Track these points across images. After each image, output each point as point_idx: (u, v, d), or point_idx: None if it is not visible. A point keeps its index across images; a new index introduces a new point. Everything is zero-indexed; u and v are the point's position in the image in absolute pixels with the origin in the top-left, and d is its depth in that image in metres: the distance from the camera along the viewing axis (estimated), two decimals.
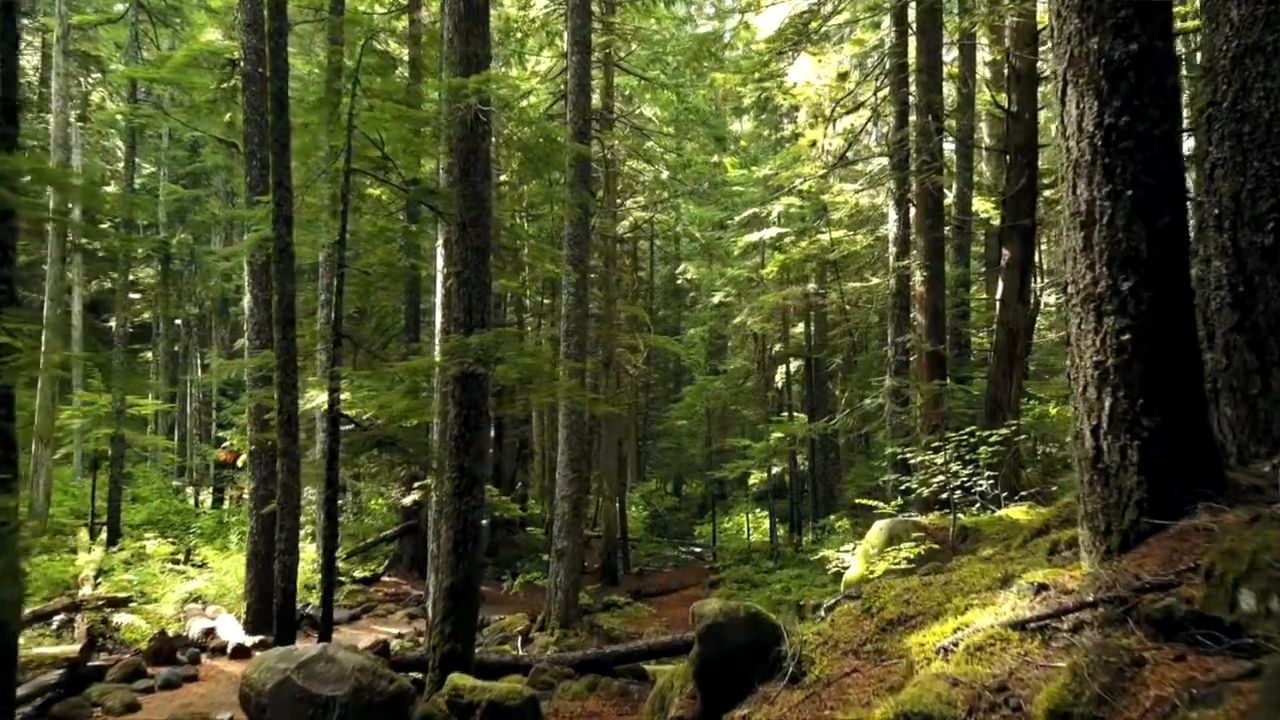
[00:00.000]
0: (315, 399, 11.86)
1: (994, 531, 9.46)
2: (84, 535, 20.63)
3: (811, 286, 24.27)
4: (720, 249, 27.28)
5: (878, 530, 10.15)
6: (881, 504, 21.29)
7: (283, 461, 9.48)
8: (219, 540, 21.08)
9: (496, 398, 16.83)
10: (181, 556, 18.14)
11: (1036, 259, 18.19)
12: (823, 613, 6.21)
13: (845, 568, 11.93)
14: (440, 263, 12.94)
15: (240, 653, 12.55)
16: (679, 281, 36.99)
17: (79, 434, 20.34)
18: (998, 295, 14.02)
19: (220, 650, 12.61)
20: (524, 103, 22.37)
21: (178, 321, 32.70)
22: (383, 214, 12.17)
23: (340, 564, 20.51)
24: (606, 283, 22.71)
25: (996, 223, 22.33)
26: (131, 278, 37.30)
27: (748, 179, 25.11)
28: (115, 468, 20.82)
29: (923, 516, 10.65)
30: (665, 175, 24.96)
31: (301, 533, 20.59)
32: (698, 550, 29.17)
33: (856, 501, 22.81)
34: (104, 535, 20.19)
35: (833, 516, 25.75)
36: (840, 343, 23.82)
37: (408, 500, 12.01)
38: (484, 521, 9.79)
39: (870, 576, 10.10)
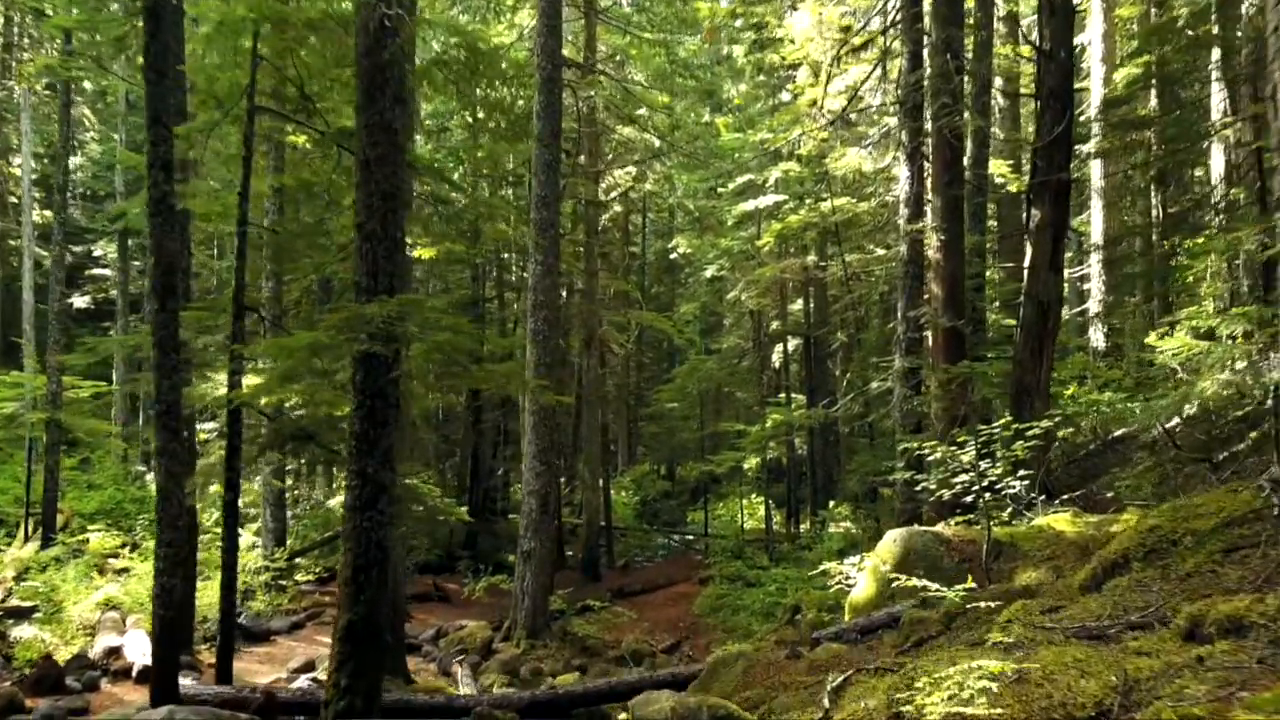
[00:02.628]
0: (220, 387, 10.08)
1: (1034, 548, 7.69)
2: (20, 530, 18.98)
3: (811, 258, 22.42)
4: (713, 217, 25.40)
5: (891, 543, 8.39)
6: (888, 490, 19.63)
7: (160, 462, 7.72)
8: None
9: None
10: (128, 550, 16.29)
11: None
12: (827, 699, 4.43)
13: (849, 581, 10.18)
14: None
15: (147, 677, 10.80)
16: (672, 256, 35.03)
17: (5, 419, 18.54)
18: (1025, 262, 12.20)
19: (124, 674, 10.89)
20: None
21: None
22: (322, 167, 10.32)
23: (300, 561, 18.86)
24: (589, 254, 20.89)
25: (1014, 188, 20.54)
26: (98, 252, 35.57)
27: (743, 143, 23.22)
28: (50, 456, 19.07)
29: (943, 525, 8.88)
30: (654, 139, 23.06)
31: (245, 531, 19.00)
32: (690, 538, 27.48)
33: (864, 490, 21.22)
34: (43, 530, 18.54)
35: (833, 503, 24.05)
36: (846, 316, 21.98)
37: (333, 503, 10.24)
38: (409, 536, 8.01)
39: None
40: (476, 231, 22.91)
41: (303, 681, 9.87)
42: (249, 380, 9.20)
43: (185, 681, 10.75)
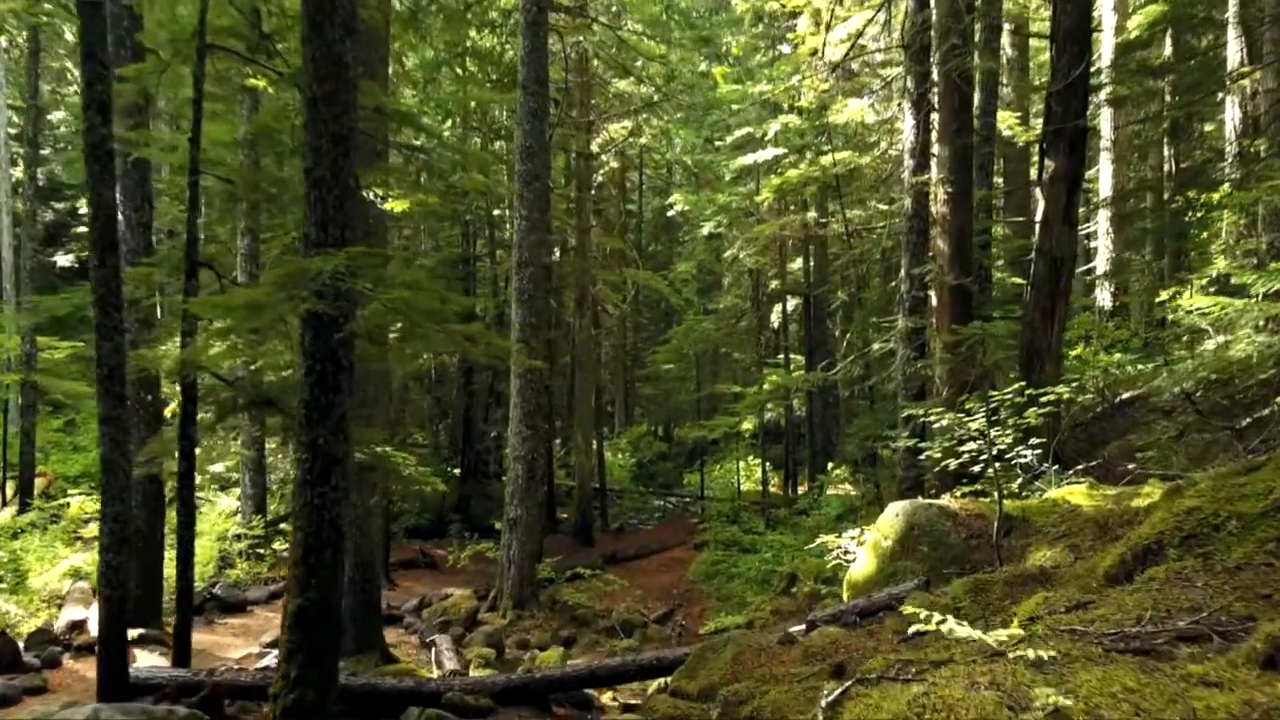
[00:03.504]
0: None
1: (1048, 524, 7.11)
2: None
3: (811, 215, 21.68)
4: (711, 172, 24.60)
5: (893, 517, 7.82)
6: (889, 451, 19.05)
7: (104, 431, 7.11)
8: None
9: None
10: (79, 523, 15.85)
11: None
12: (822, 716, 3.88)
13: (847, 557, 9.65)
14: None
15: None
16: (670, 214, 34.20)
17: None
18: (1037, 216, 11.52)
19: (89, 649, 10.33)
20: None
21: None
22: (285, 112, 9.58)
23: (285, 527, 18.39)
24: (580, 210, 20.15)
25: (1022, 140, 19.75)
26: (84, 209, 34.78)
27: (742, 94, 22.34)
28: (26, 418, 18.54)
29: (949, 497, 8.31)
30: (649, 90, 22.18)
31: (228, 496, 18.48)
32: (686, 500, 27.04)
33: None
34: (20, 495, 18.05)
35: (831, 465, 23.56)
36: (847, 274, 21.29)
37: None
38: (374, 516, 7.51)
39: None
40: (464, 190, 22.22)
41: (271, 659, 9.36)
42: (215, 343, 8.60)
43: (151, 660, 10.31)
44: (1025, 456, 7.83)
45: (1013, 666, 3.17)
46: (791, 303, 26.40)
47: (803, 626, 7.27)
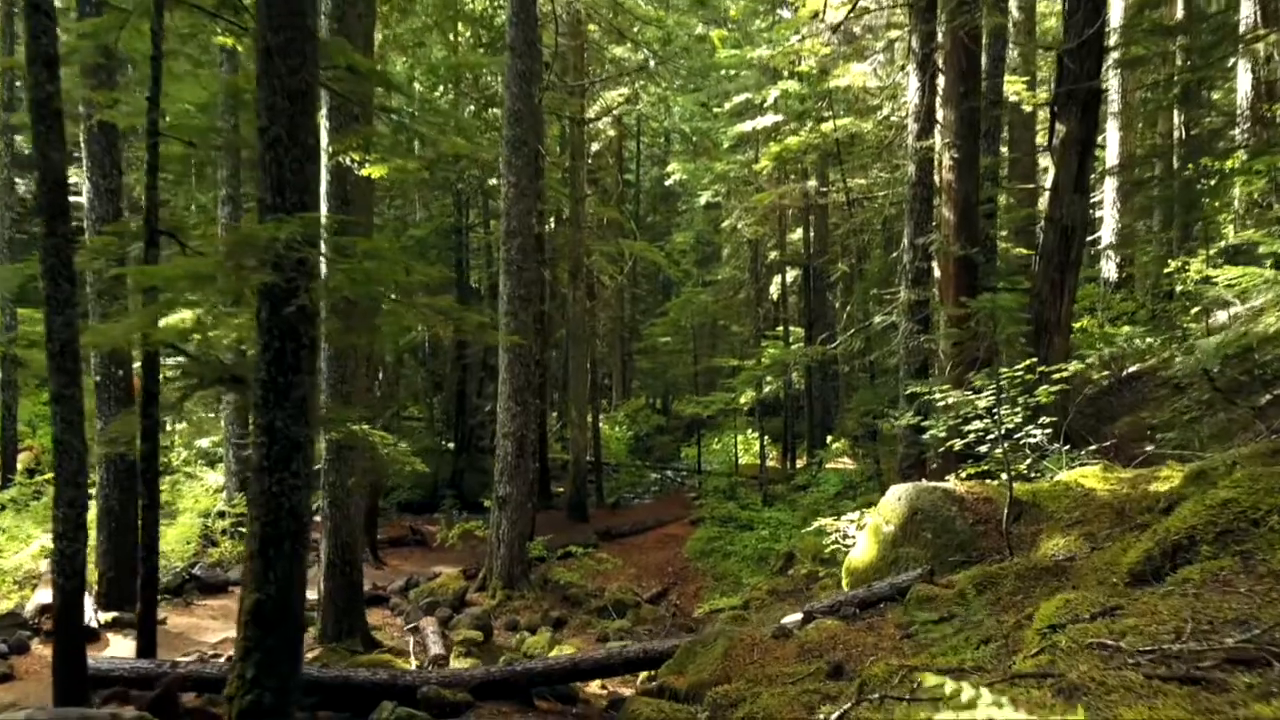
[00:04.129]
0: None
1: (1060, 509, 6.70)
2: None
3: (811, 184, 21.13)
4: (708, 139, 24.01)
5: (895, 500, 7.40)
6: (888, 424, 18.62)
7: (56, 410, 6.68)
8: None
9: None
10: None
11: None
12: None
13: (847, 541, 9.26)
14: (326, 140, 9.92)
15: (85, 636, 9.95)
16: (668, 183, 33.58)
17: None
18: (1047, 183, 11.04)
19: None
20: None
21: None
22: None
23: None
24: (574, 178, 19.60)
25: (1028, 105, 19.17)
26: (73, 179, 34.10)
27: (740, 59, 21.70)
28: (6, 392, 18.09)
29: (954, 479, 7.89)
30: (645, 54, 21.53)
31: (215, 472, 18.05)
32: (683, 474, 26.69)
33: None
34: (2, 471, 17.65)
35: (830, 438, 23.17)
36: (848, 244, 20.77)
37: None
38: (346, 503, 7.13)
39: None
40: (456, 155, 21.62)
41: None
42: (183, 314, 8.15)
43: (124, 645, 9.96)
44: (1034, 436, 7.41)
45: (1038, 693, 2.75)
46: (791, 274, 25.90)
47: (799, 617, 6.89)
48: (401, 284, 5.46)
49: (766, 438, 25.72)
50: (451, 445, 25.14)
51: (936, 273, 11.60)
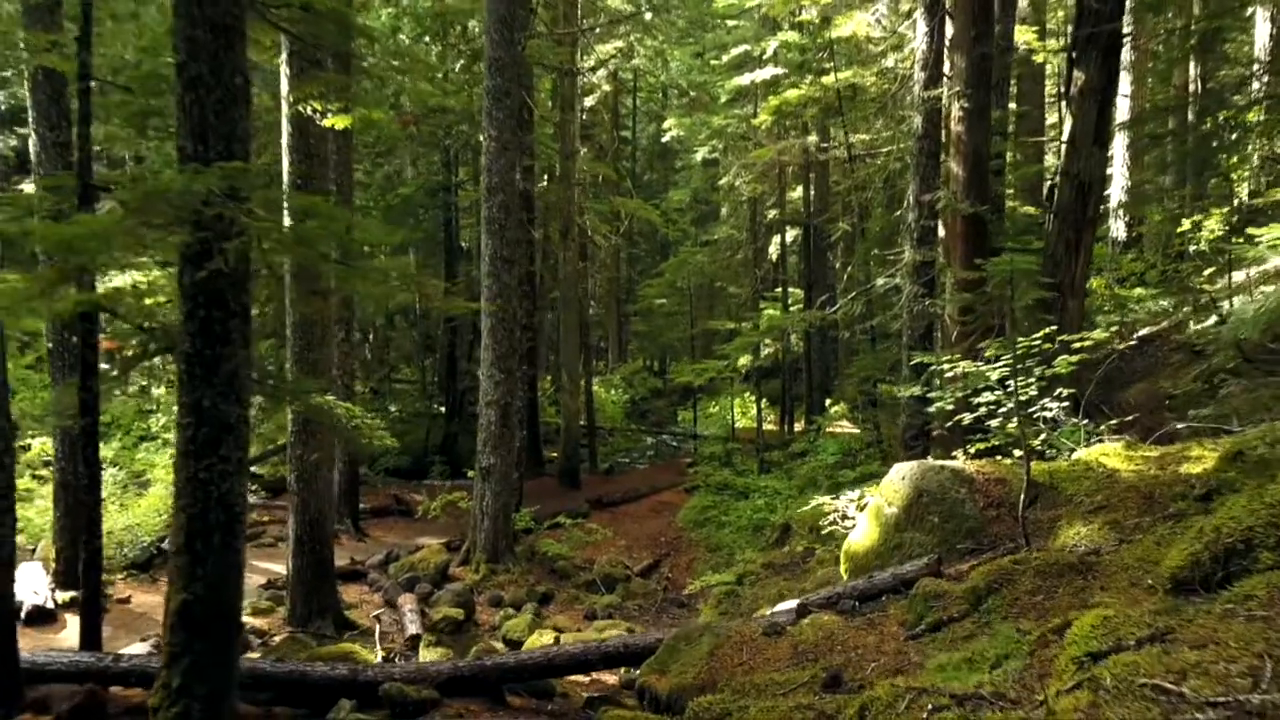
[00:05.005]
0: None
1: (1080, 491, 6.10)
2: None
3: (812, 139, 20.32)
4: (705, 92, 23.15)
5: (899, 480, 6.81)
6: (889, 387, 18.03)
7: None
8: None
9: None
10: (38, 466, 14.85)
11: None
12: None
13: (846, 521, 8.70)
14: (286, 89, 9.21)
15: (41, 618, 9.48)
16: (664, 140, 32.70)
17: None
18: (1063, 135, 10.32)
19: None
20: None
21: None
22: None
23: (256, 467, 17.45)
24: (564, 132, 18.80)
25: (1040, 57, 18.34)
26: None
27: (739, 7, 20.82)
28: None
29: (962, 457, 7.29)
30: (641, 3, 20.65)
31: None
32: (679, 438, 26.20)
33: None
34: None
35: (829, 402, 22.60)
36: (849, 201, 20.02)
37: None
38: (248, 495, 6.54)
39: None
40: (444, 109, 20.76)
41: None
42: (134, 276, 7.52)
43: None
44: (1050, 410, 6.81)
45: None
46: (790, 233, 25.19)
47: (793, 605, 6.34)
48: (343, 244, 4.81)
49: (764, 401, 25.17)
50: (443, 409, 24.59)
51: (942, 232, 10.93)
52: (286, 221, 4.76)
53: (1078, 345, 6.34)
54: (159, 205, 4.22)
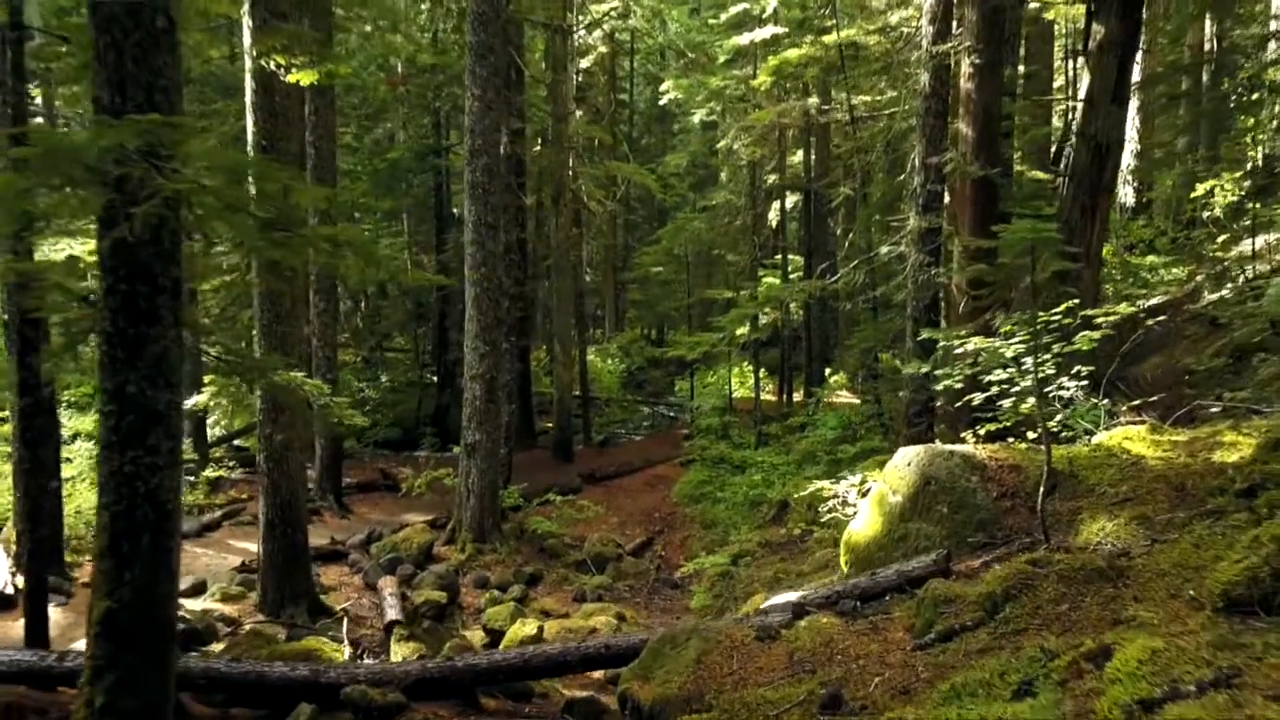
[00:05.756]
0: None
1: (1104, 480, 5.60)
2: None
3: (813, 101, 19.61)
4: (703, 53, 22.39)
5: (904, 466, 6.30)
6: (887, 355, 17.48)
7: None
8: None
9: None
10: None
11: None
12: None
13: (847, 511, 8.22)
14: (249, 41, 8.58)
15: (1, 604, 9.01)
16: (662, 103, 31.87)
17: None
18: (1080, 94, 9.71)
19: None
20: None
21: None
22: None
23: (240, 440, 16.98)
24: (555, 94, 18.12)
25: (1051, 14, 17.60)
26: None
27: None
28: None
29: (972, 440, 6.78)
30: None
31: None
32: (676, 406, 25.73)
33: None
34: None
35: (829, 371, 22.08)
36: (852, 164, 19.37)
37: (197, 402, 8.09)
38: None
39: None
40: (433, 68, 20.05)
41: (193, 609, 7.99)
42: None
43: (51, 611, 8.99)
44: (1068, 389, 6.30)
45: None
46: (790, 199, 24.53)
47: (789, 605, 5.87)
48: (284, 209, 4.25)
49: (762, 371, 24.63)
50: (435, 378, 24.09)
51: (950, 198, 10.35)
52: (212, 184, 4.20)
53: (1102, 320, 5.80)
54: (63, 164, 3.67)
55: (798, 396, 21.44)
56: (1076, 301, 5.69)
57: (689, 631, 5.28)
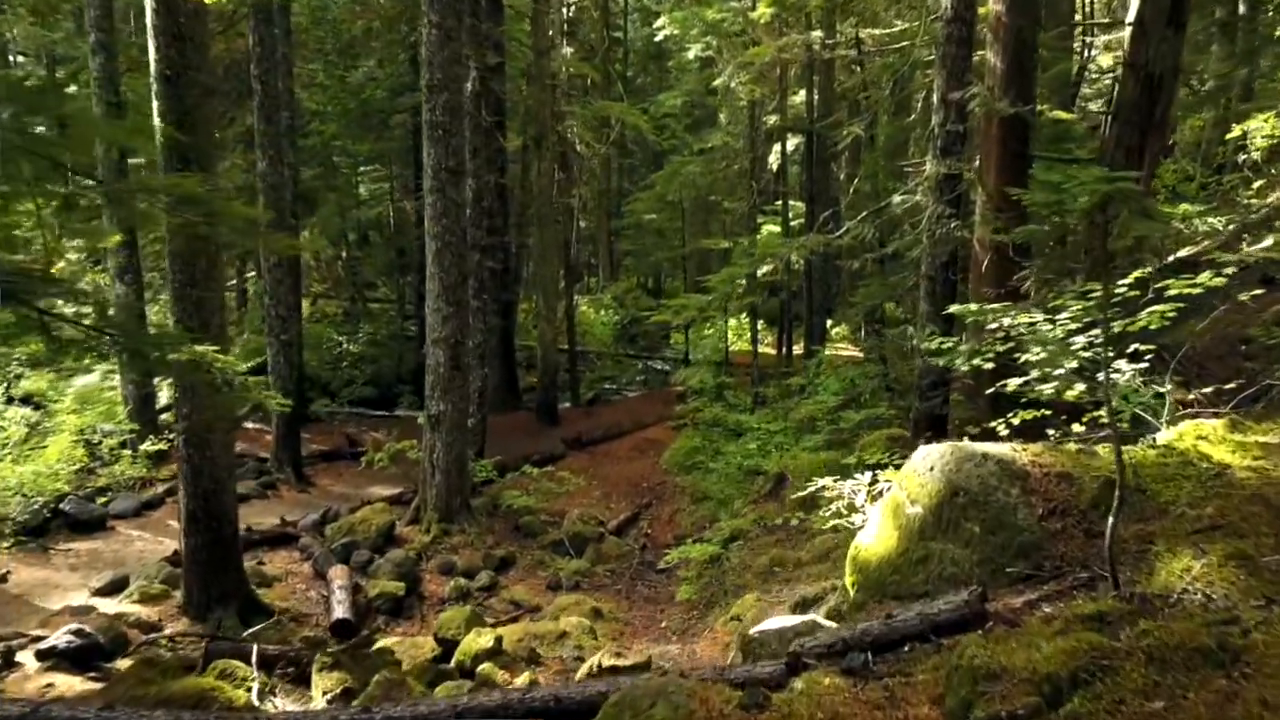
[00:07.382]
0: None
1: (1179, 497, 4.45)
2: None
3: (816, 35, 18.09)
4: None
5: (925, 470, 5.14)
6: (890, 304, 16.20)
7: None
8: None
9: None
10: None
11: None
12: None
13: (852, 512, 7.09)
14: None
15: None
16: (658, 39, 30.11)
17: None
18: (1128, 18, 8.35)
19: None
20: None
21: None
22: None
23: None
24: (537, 26, 16.63)
25: None
26: None
27: None
28: None
29: (1003, 430, 5.59)
30: None
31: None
32: (672, 360, 24.60)
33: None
34: None
35: (830, 323, 20.88)
36: (859, 101, 17.96)
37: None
38: None
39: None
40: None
41: (63, 634, 6.91)
42: None
43: None
44: (1124, 374, 5.11)
45: None
46: (792, 142, 23.09)
47: (783, 640, 4.77)
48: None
49: (761, 323, 23.40)
50: (414, 330, 22.88)
51: (977, 138, 9.05)
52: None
53: (1175, 291, 4.60)
54: None
55: (798, 349, 20.24)
56: (1150, 270, 4.49)
57: (655, 693, 4.17)
